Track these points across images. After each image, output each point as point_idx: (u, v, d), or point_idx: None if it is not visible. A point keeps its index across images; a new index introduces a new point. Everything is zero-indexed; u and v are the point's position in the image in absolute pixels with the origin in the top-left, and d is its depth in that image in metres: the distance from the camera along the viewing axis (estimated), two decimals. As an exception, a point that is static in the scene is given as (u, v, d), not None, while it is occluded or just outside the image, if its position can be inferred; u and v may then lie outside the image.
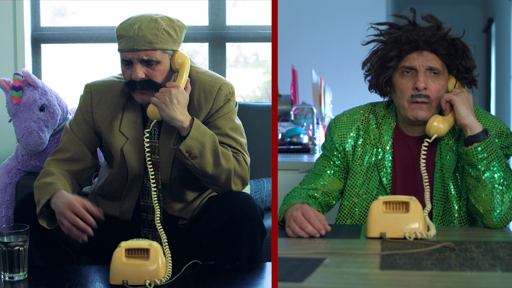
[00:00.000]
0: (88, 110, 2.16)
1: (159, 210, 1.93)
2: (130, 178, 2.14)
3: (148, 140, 2.00)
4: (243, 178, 2.08)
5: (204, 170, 2.00)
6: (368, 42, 1.96)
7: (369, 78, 1.97)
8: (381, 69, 1.92)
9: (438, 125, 1.85)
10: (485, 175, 1.78)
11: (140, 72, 2.01)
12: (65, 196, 1.96)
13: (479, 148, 1.78)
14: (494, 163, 1.79)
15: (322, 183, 1.99)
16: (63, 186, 2.01)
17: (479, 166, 1.78)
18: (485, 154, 1.78)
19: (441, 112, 1.91)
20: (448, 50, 1.87)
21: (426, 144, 1.85)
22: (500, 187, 1.78)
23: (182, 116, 1.98)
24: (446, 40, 1.87)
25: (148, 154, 1.99)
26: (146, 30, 2.00)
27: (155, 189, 1.96)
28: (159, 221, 1.91)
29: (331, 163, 2.01)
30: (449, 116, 1.85)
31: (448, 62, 1.88)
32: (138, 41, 1.99)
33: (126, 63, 2.03)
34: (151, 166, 1.99)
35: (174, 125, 1.98)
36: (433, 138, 1.86)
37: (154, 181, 1.97)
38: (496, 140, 1.87)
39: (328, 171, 2.01)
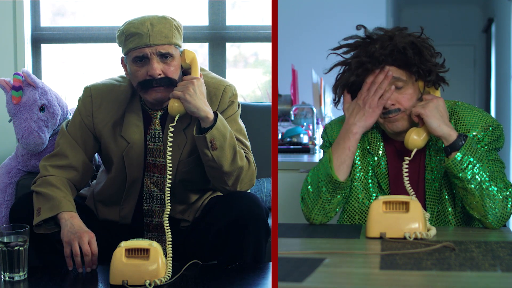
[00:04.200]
0: (89, 114, 2.15)
1: (169, 206, 1.91)
2: (129, 183, 2.13)
3: (172, 135, 1.97)
4: (251, 179, 2.08)
5: (221, 164, 1.99)
6: (330, 70, 1.96)
7: (338, 103, 1.97)
8: (348, 93, 1.93)
9: (416, 139, 1.84)
10: (471, 184, 1.76)
11: (158, 68, 2.00)
12: (75, 222, 1.95)
13: (458, 158, 1.76)
14: (477, 168, 1.76)
15: None
16: (70, 205, 2.00)
17: (463, 177, 1.76)
18: (466, 162, 1.75)
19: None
20: (402, 60, 1.84)
21: (407, 162, 1.84)
22: (489, 189, 1.77)
23: (206, 107, 1.98)
24: (398, 51, 1.83)
25: (170, 150, 1.96)
26: (160, 26, 2.00)
27: (169, 185, 1.93)
28: (167, 217, 1.89)
29: None
30: (424, 128, 1.83)
31: (406, 70, 1.85)
32: (154, 36, 1.99)
33: (140, 61, 2.01)
34: (170, 162, 1.96)
35: (198, 115, 1.96)
36: (413, 153, 1.85)
37: (170, 176, 1.94)
38: (481, 135, 1.85)
39: None
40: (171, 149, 1.96)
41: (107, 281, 1.71)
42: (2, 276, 1.75)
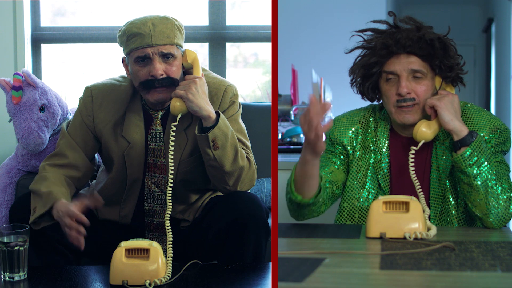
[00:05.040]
0: (89, 114, 2.15)
1: (171, 206, 1.92)
2: (130, 182, 2.13)
3: (174, 134, 1.96)
4: (251, 179, 2.08)
5: (222, 164, 1.99)
6: (351, 50, 1.97)
7: (354, 85, 1.98)
8: (365, 76, 1.94)
9: (425, 131, 1.85)
10: (477, 180, 1.77)
11: (160, 68, 2.00)
12: (64, 205, 1.95)
13: (467, 154, 1.77)
14: (484, 166, 1.77)
15: (328, 172, 1.98)
16: (61, 194, 2.00)
17: (469, 173, 1.77)
18: (475, 159, 1.77)
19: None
20: (427, 50, 1.86)
21: (413, 151, 1.85)
22: (494, 188, 1.77)
23: (209, 106, 1.98)
24: (425, 41, 1.86)
25: (172, 149, 1.95)
26: (162, 26, 2.00)
27: (171, 185, 1.93)
28: (168, 217, 1.90)
29: (336, 156, 2.00)
30: (435, 121, 1.84)
31: (429, 62, 1.87)
32: (156, 36, 1.99)
33: (142, 61, 2.01)
34: (172, 162, 1.95)
35: (200, 115, 1.96)
36: (420, 144, 1.85)
37: (172, 176, 1.94)
38: (488, 137, 1.86)
39: (333, 163, 1.99)
40: (173, 148, 1.96)
41: (107, 281, 1.71)
42: (2, 276, 1.75)
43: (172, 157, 1.95)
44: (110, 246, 1.82)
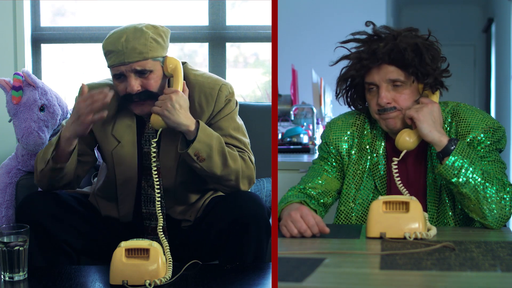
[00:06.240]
0: None
1: (162, 218, 1.93)
2: (120, 182, 2.13)
3: (155, 150, 1.97)
4: (250, 177, 2.08)
5: (213, 172, 1.99)
6: (335, 63, 1.96)
7: (340, 97, 1.98)
8: (349, 88, 1.94)
9: (407, 140, 1.85)
10: (465, 188, 1.76)
11: (135, 84, 2.00)
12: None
13: (450, 163, 1.76)
14: (470, 172, 1.75)
15: (320, 182, 1.99)
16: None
17: (456, 183, 1.77)
18: (458, 167, 1.75)
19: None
20: (399, 60, 1.84)
21: (395, 163, 1.85)
22: (486, 191, 1.76)
23: (187, 120, 1.97)
24: (398, 51, 1.83)
25: (154, 164, 1.96)
26: (134, 41, 1.99)
27: (159, 198, 1.94)
28: (161, 230, 1.91)
29: (329, 163, 2.01)
30: (417, 130, 1.84)
31: (405, 71, 1.85)
32: (128, 53, 1.98)
33: (119, 77, 2.02)
34: (156, 175, 1.96)
35: (180, 130, 1.97)
36: (402, 154, 1.86)
37: (158, 188, 1.96)
38: (481, 136, 1.85)
39: (326, 171, 2.00)
40: (155, 164, 1.96)
41: (107, 281, 1.71)
42: (2, 276, 1.75)
43: (155, 173, 1.95)
44: (111, 244, 1.82)
